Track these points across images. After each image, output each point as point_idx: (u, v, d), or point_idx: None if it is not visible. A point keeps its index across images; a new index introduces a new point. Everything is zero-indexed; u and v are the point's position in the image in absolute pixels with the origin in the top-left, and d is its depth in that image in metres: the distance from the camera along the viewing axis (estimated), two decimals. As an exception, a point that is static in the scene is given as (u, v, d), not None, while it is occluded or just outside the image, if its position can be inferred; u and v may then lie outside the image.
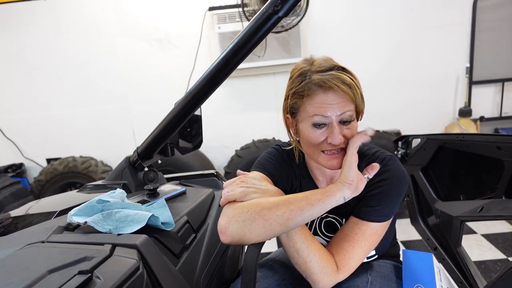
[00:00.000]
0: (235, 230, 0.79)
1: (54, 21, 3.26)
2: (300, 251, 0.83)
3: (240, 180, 0.89)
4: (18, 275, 0.61)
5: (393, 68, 3.37)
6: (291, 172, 1.01)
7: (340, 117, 0.82)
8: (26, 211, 1.11)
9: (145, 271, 0.69)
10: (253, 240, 0.79)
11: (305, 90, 0.84)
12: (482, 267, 2.20)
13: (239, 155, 3.19)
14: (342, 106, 0.81)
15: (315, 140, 0.85)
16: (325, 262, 0.82)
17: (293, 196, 0.80)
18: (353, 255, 0.84)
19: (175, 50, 3.33)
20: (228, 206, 0.84)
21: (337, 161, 0.85)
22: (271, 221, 0.77)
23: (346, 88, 0.80)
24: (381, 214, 0.87)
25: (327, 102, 0.81)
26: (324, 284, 0.82)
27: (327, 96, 0.81)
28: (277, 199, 0.80)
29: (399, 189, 0.89)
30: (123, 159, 1.30)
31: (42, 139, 3.54)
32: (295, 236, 0.83)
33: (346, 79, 0.81)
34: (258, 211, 0.78)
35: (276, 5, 0.77)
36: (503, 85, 3.37)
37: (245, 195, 0.83)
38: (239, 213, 0.80)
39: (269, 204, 0.79)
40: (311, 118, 0.83)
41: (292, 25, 2.96)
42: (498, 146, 1.10)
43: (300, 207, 0.77)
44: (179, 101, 1.02)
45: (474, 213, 1.21)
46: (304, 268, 0.83)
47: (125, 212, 0.83)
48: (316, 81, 0.81)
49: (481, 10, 3.20)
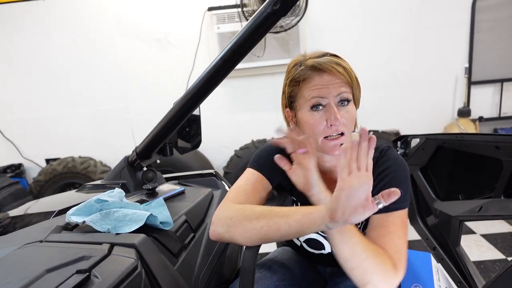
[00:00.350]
0: (222, 233, 0.81)
1: (53, 21, 3.25)
2: (356, 253, 0.73)
3: None
4: (16, 274, 0.61)
5: (392, 68, 3.37)
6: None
7: (337, 98, 0.83)
8: (24, 211, 1.11)
9: (143, 270, 0.69)
10: (242, 243, 0.81)
11: (300, 75, 0.86)
12: (481, 267, 2.20)
13: (238, 155, 3.19)
14: (338, 86, 0.82)
15: (315, 125, 0.84)
16: (384, 263, 0.73)
17: (276, 210, 0.77)
18: (399, 248, 0.79)
19: (174, 51, 3.33)
20: (222, 204, 0.86)
21: (335, 146, 0.84)
22: (250, 233, 0.77)
23: (341, 69, 0.82)
24: (403, 200, 0.81)
25: (323, 83, 0.83)
26: (389, 285, 0.73)
27: (323, 77, 0.83)
28: (260, 210, 0.79)
29: (405, 173, 0.89)
30: (121, 159, 1.30)
31: (41, 140, 3.54)
32: (350, 236, 0.73)
33: (339, 61, 0.84)
34: (240, 220, 0.79)
35: (275, 4, 0.77)
36: (502, 85, 3.38)
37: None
38: (224, 217, 0.82)
39: (251, 215, 0.78)
40: (309, 101, 0.84)
41: (291, 25, 2.96)
42: (497, 146, 1.10)
43: (278, 225, 0.75)
44: (177, 101, 1.02)
45: (473, 212, 1.21)
46: (363, 271, 0.72)
47: (124, 211, 0.83)
48: (311, 64, 0.84)
49: (480, 10, 3.21)
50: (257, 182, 0.92)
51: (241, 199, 0.87)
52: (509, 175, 1.11)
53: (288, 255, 1.13)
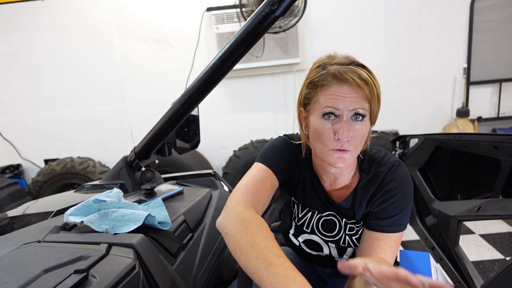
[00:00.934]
0: (228, 232, 0.75)
1: (52, 22, 3.25)
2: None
3: None
4: (14, 274, 0.61)
5: (391, 69, 3.38)
6: (295, 166, 1.00)
7: (351, 112, 0.79)
8: (23, 211, 1.11)
9: (141, 270, 0.69)
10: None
11: (320, 80, 0.82)
12: (480, 267, 2.20)
13: (237, 156, 3.19)
14: (356, 101, 0.79)
15: (324, 134, 0.82)
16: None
17: (276, 277, 0.61)
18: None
19: (173, 51, 3.33)
20: (232, 204, 0.79)
21: (339, 159, 0.82)
22: (245, 266, 0.67)
23: (362, 83, 0.78)
24: (401, 223, 0.87)
25: (340, 94, 0.79)
26: None
27: (342, 88, 0.79)
28: (259, 260, 0.65)
29: (410, 195, 0.89)
30: (120, 159, 1.30)
31: (40, 140, 3.54)
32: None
33: (363, 74, 0.79)
34: (242, 250, 0.68)
35: (273, 4, 0.77)
36: (501, 85, 3.38)
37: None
38: (232, 228, 0.74)
39: (251, 255, 0.66)
40: (322, 109, 0.81)
41: (290, 25, 2.96)
42: (495, 146, 1.10)
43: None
44: (176, 101, 1.02)
45: (471, 212, 1.21)
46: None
47: (122, 211, 0.83)
48: (332, 72, 0.80)
49: (478, 11, 3.21)
50: (267, 179, 0.90)
51: (250, 198, 0.82)
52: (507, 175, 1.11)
53: (287, 255, 1.13)
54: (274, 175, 0.92)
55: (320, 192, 0.98)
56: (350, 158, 0.83)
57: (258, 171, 0.91)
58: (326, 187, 0.98)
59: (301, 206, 1.04)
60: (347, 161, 0.83)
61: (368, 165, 0.94)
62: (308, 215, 1.02)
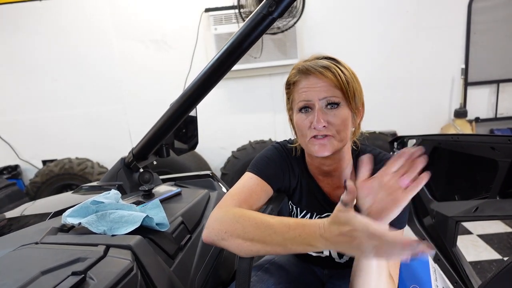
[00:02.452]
0: (216, 241, 0.79)
1: (50, 23, 3.25)
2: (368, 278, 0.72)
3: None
4: (11, 276, 0.61)
5: (389, 70, 3.38)
6: (289, 170, 0.99)
7: (323, 101, 0.82)
8: (21, 212, 1.10)
9: (139, 272, 0.69)
10: (237, 254, 0.78)
11: (292, 79, 0.89)
12: (478, 268, 2.20)
13: (235, 157, 3.19)
14: (324, 90, 0.82)
15: (302, 126, 0.85)
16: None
17: (272, 236, 0.70)
18: (395, 271, 0.82)
19: (171, 52, 3.33)
20: (216, 210, 0.83)
21: (320, 146, 0.84)
22: (244, 251, 0.75)
23: (324, 70, 0.81)
24: (401, 221, 0.84)
25: (308, 86, 0.83)
26: None
27: (309, 80, 0.84)
28: (254, 231, 0.73)
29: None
30: (118, 160, 1.29)
31: (38, 141, 3.53)
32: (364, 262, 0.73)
33: (324, 62, 0.83)
34: (234, 237, 0.75)
35: (271, 6, 0.78)
36: (498, 86, 3.40)
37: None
38: (217, 229, 0.78)
39: (244, 235, 0.74)
40: (297, 105, 0.86)
41: (288, 26, 2.97)
42: (492, 147, 1.11)
43: (274, 251, 0.71)
44: (174, 102, 1.02)
45: (469, 213, 1.21)
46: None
47: (120, 213, 0.83)
48: (299, 68, 0.86)
49: (475, 11, 3.22)
50: (255, 185, 0.90)
51: (237, 203, 0.84)
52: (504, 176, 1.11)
53: (285, 257, 1.13)
54: (265, 182, 0.92)
55: (318, 193, 0.98)
56: (332, 144, 0.84)
57: (246, 180, 0.92)
58: (325, 187, 0.98)
59: (299, 209, 1.04)
60: (329, 147, 0.84)
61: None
62: (307, 217, 1.02)
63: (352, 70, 0.86)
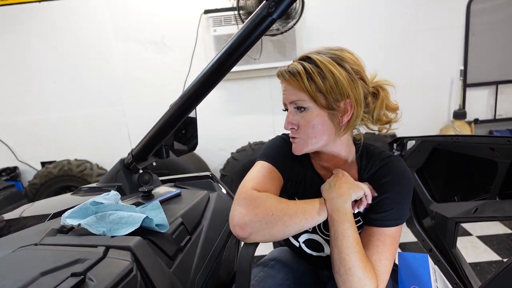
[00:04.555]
0: (256, 230, 0.78)
1: (49, 24, 3.24)
2: (344, 261, 0.79)
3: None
4: (11, 277, 0.61)
5: (388, 71, 3.34)
6: (296, 161, 0.99)
7: (292, 105, 0.88)
8: (19, 214, 1.10)
9: (138, 273, 0.68)
10: (266, 240, 0.81)
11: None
12: (477, 269, 2.20)
13: (235, 158, 3.19)
14: (291, 94, 0.86)
15: (284, 126, 0.92)
16: (369, 279, 0.78)
17: (307, 205, 0.83)
18: (386, 269, 0.82)
19: (170, 53, 3.33)
20: (250, 200, 0.81)
21: (294, 146, 0.91)
22: (289, 228, 0.80)
23: (288, 76, 0.85)
24: (396, 217, 0.85)
25: (283, 90, 0.90)
26: None
27: (283, 84, 0.90)
28: (295, 207, 0.82)
29: (408, 189, 0.89)
30: (117, 161, 1.29)
31: (37, 142, 3.52)
32: (343, 243, 0.80)
33: (293, 67, 0.85)
34: (281, 216, 0.79)
35: (270, 7, 0.78)
36: (497, 87, 3.40)
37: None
38: (264, 214, 0.79)
39: (290, 211, 0.80)
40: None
41: (287, 28, 2.97)
42: (492, 148, 1.11)
43: (312, 217, 0.82)
44: (174, 103, 1.02)
45: (468, 214, 1.22)
46: (345, 279, 0.79)
47: (119, 214, 0.82)
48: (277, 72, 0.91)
49: (474, 13, 3.23)
50: (272, 172, 0.91)
51: (260, 187, 0.85)
52: (504, 177, 1.12)
53: (288, 256, 1.13)
54: (278, 172, 0.92)
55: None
56: (302, 145, 0.89)
57: (262, 167, 0.92)
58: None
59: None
60: (299, 149, 0.90)
61: (366, 161, 0.95)
62: None
63: (334, 64, 0.83)
